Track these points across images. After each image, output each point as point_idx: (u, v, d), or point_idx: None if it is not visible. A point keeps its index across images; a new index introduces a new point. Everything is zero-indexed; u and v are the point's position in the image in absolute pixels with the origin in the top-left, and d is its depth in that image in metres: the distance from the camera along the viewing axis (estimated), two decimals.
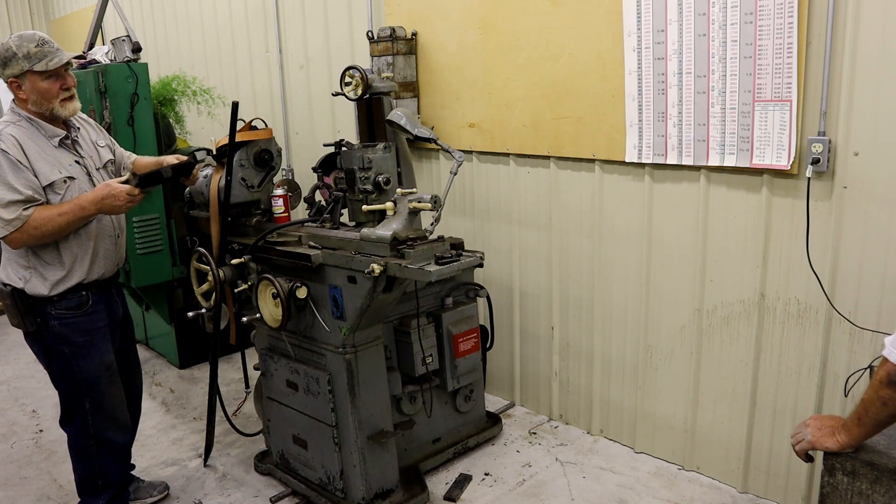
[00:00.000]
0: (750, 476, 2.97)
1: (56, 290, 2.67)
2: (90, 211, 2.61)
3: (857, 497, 1.77)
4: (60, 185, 2.62)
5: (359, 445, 2.81)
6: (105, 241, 2.78)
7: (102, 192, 2.61)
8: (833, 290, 2.58)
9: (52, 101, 2.61)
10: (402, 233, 2.57)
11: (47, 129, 2.66)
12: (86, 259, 2.71)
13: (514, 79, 3.41)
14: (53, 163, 2.62)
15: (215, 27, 5.37)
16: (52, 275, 2.66)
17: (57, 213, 2.56)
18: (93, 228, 2.72)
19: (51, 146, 2.65)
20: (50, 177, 2.60)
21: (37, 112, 2.62)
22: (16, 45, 2.55)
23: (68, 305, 2.70)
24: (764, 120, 2.61)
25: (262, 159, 3.12)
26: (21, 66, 2.54)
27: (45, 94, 2.59)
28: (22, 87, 2.58)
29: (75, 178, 2.68)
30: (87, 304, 2.74)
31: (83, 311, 2.73)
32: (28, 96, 2.59)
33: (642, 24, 2.88)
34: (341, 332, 2.73)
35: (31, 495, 3.30)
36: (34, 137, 2.62)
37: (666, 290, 3.09)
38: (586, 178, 3.28)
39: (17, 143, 2.55)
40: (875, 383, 1.67)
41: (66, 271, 2.67)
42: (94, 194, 2.61)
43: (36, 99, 2.59)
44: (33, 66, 2.54)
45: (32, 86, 2.57)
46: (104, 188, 2.63)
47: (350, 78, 2.99)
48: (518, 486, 3.14)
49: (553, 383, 3.67)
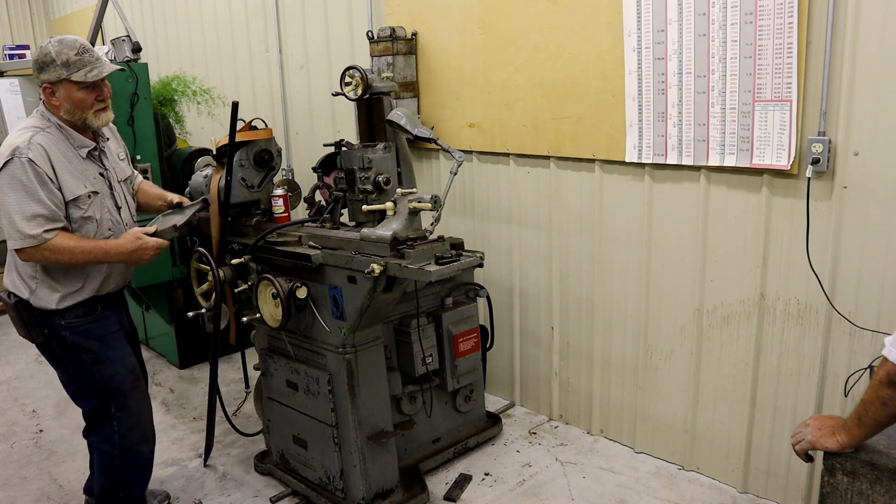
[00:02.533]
0: (750, 476, 2.97)
1: (64, 303, 2.57)
2: (113, 259, 2.56)
3: (857, 497, 1.77)
4: (85, 200, 2.53)
5: (359, 445, 2.81)
6: None
7: (132, 246, 2.55)
8: (833, 290, 2.58)
9: (86, 111, 2.51)
10: (402, 233, 2.57)
11: (76, 138, 2.55)
12: (99, 276, 2.64)
13: (514, 79, 3.41)
14: (79, 175, 2.52)
15: (215, 27, 5.37)
16: (62, 287, 2.56)
17: (80, 248, 2.47)
18: None
19: (78, 157, 2.54)
20: (75, 191, 2.50)
21: (68, 120, 2.52)
22: (55, 50, 2.44)
23: (77, 314, 2.60)
24: (764, 120, 2.61)
25: (262, 159, 3.12)
26: (58, 73, 2.44)
27: (80, 104, 2.49)
28: (56, 94, 2.48)
29: (99, 192, 2.59)
30: (97, 311, 2.65)
31: (94, 318, 2.64)
32: (61, 104, 2.49)
33: (642, 24, 2.88)
34: (341, 332, 2.73)
35: (31, 495, 3.29)
36: (62, 147, 2.50)
37: (666, 290, 3.09)
38: (586, 178, 3.28)
39: (45, 154, 2.44)
40: (875, 383, 1.67)
41: (78, 286, 2.59)
42: (123, 247, 2.55)
43: (69, 108, 2.49)
44: (71, 75, 2.44)
45: (67, 94, 2.47)
46: (134, 241, 2.56)
47: (350, 78, 2.99)
48: (518, 486, 3.14)
49: (553, 383, 3.67)
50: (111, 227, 2.64)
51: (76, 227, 2.52)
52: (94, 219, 2.55)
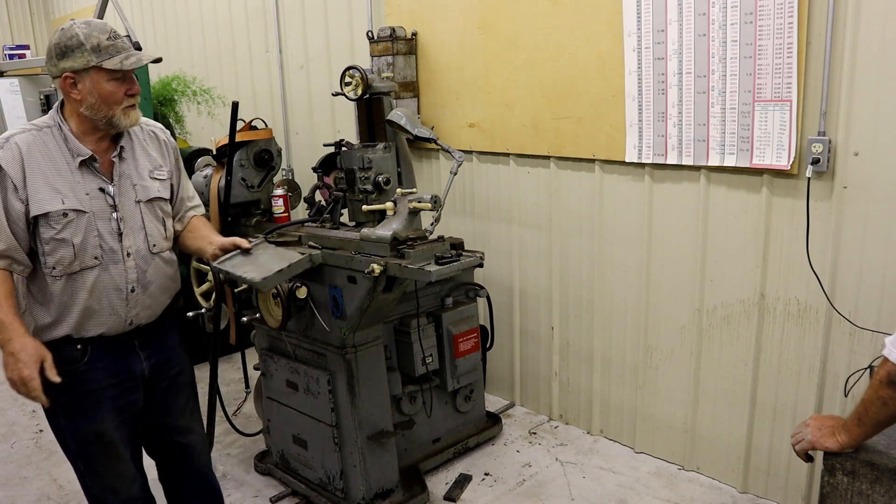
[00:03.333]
0: (750, 476, 2.97)
1: (40, 337, 2.12)
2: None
3: (857, 497, 1.77)
4: (57, 218, 2.05)
5: (359, 445, 2.81)
6: (108, 297, 2.15)
7: (14, 348, 1.99)
8: (833, 290, 2.58)
9: (115, 107, 2.08)
10: (402, 233, 2.57)
11: (72, 143, 2.10)
12: (73, 312, 2.12)
13: (514, 79, 3.41)
14: (62, 188, 2.07)
15: (215, 27, 5.37)
16: (39, 316, 2.14)
17: None
18: (87, 279, 2.11)
19: (72, 165, 2.09)
20: (45, 206, 2.04)
21: (89, 118, 2.08)
22: (83, 33, 2.02)
23: (60, 358, 2.09)
24: (764, 120, 2.61)
25: (262, 159, 3.12)
26: (86, 59, 2.01)
27: (108, 98, 2.06)
28: (78, 85, 2.04)
29: (88, 211, 2.09)
30: (81, 361, 2.16)
31: (74, 368, 2.15)
32: (84, 97, 2.05)
33: (642, 24, 2.88)
34: (341, 332, 2.73)
35: (30, 495, 3.29)
36: (53, 152, 2.08)
37: (666, 289, 3.09)
38: (586, 178, 3.28)
39: (20, 156, 2.04)
40: (875, 383, 1.67)
41: (51, 318, 2.12)
42: (12, 343, 2.00)
43: (94, 102, 2.06)
44: (102, 62, 2.02)
45: (94, 86, 2.04)
46: (26, 349, 2.00)
47: (350, 78, 2.99)
48: (518, 486, 3.14)
49: (553, 383, 3.67)
50: (99, 255, 2.11)
51: (48, 250, 2.07)
52: (70, 242, 2.06)
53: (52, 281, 2.08)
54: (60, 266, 2.08)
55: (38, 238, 2.06)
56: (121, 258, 2.15)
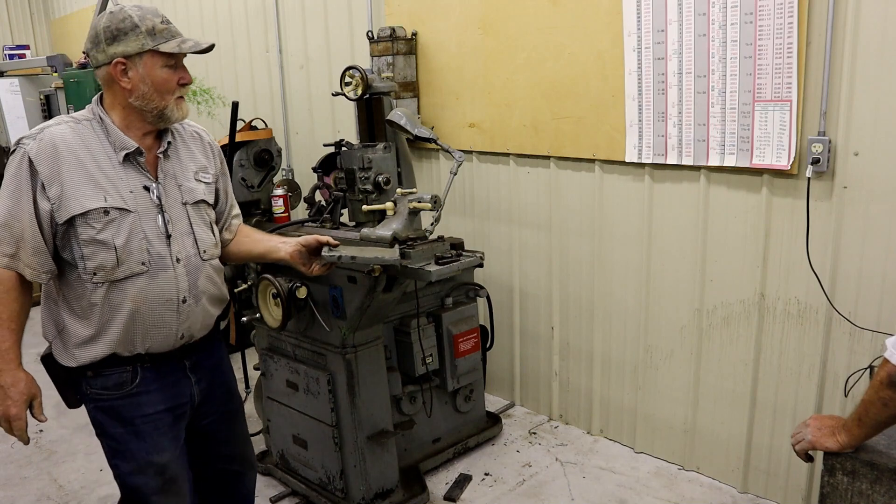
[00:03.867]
0: (750, 476, 2.97)
1: (80, 356, 1.92)
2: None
3: (857, 497, 1.77)
4: (98, 216, 1.85)
5: (359, 445, 2.81)
6: (156, 307, 1.94)
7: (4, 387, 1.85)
8: (833, 290, 2.58)
9: (168, 97, 1.92)
10: (402, 233, 2.57)
11: (115, 136, 1.91)
12: (117, 323, 1.91)
13: (514, 79, 3.41)
14: (104, 184, 1.88)
15: (215, 27, 5.36)
16: (77, 330, 1.92)
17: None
18: (133, 287, 1.91)
19: (114, 161, 1.91)
20: (86, 203, 1.84)
21: (138, 109, 1.91)
22: (137, 15, 1.87)
23: (105, 384, 1.95)
24: (764, 120, 2.61)
25: (262, 159, 3.13)
26: (141, 42, 1.85)
27: (162, 85, 1.90)
28: (129, 73, 1.87)
29: (133, 210, 1.89)
30: (132, 384, 1.97)
31: (125, 392, 1.96)
32: (136, 86, 1.88)
33: (642, 24, 2.88)
34: (341, 332, 2.73)
35: (31, 495, 3.29)
36: (93, 146, 1.89)
37: (666, 289, 3.09)
38: (586, 178, 3.28)
39: (55, 150, 1.84)
40: (875, 384, 1.67)
41: (92, 331, 1.91)
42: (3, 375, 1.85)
43: (146, 91, 1.89)
44: (158, 45, 1.87)
45: (148, 72, 1.88)
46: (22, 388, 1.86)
47: (350, 78, 2.99)
48: (518, 486, 3.14)
49: (553, 383, 3.67)
50: (146, 261, 1.91)
51: (87, 254, 1.86)
52: (112, 245, 1.86)
53: (94, 289, 1.88)
54: (102, 272, 1.87)
55: (75, 240, 1.86)
56: (170, 264, 1.95)
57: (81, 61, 5.39)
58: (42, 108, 6.05)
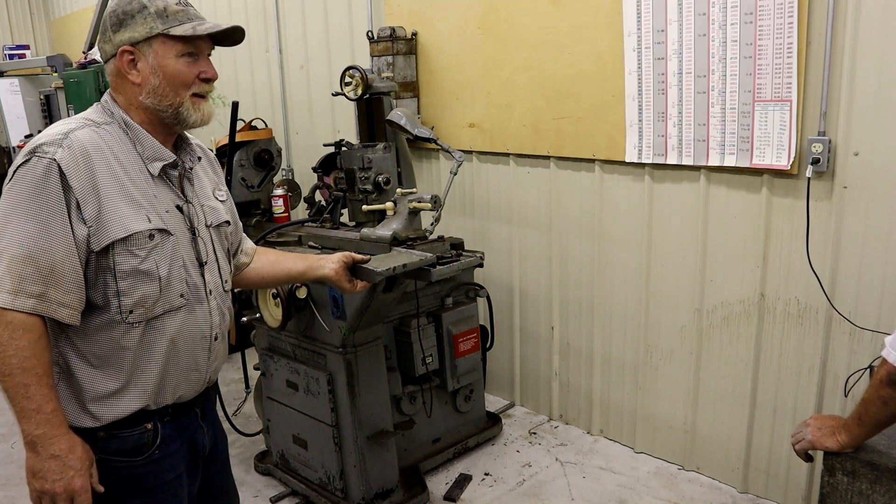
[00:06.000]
0: (750, 476, 2.97)
1: (102, 414, 1.56)
2: (25, 426, 1.59)
3: (857, 497, 1.77)
4: (143, 241, 1.53)
5: (359, 445, 2.81)
6: (193, 348, 1.66)
7: (61, 457, 1.54)
8: (833, 290, 2.58)
9: (183, 93, 1.58)
10: (402, 233, 2.57)
11: (149, 144, 1.59)
12: (152, 372, 1.59)
13: (514, 79, 3.41)
14: (142, 202, 1.55)
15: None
16: (95, 384, 1.56)
17: (21, 360, 1.45)
18: (172, 325, 1.60)
19: (146, 174, 1.58)
20: (130, 225, 1.51)
21: (152, 108, 1.58)
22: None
23: (121, 448, 1.59)
24: (764, 120, 2.61)
25: (262, 159, 3.13)
26: (149, 26, 1.54)
27: (176, 78, 1.57)
28: (137, 64, 1.56)
29: (173, 233, 1.59)
30: (154, 445, 1.63)
31: (146, 458, 1.62)
32: (146, 79, 1.56)
33: (642, 24, 2.88)
34: (341, 332, 2.73)
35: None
36: (123, 154, 1.55)
37: (666, 290, 3.09)
38: (586, 179, 3.28)
39: (87, 158, 1.49)
40: (875, 383, 1.67)
41: (119, 384, 1.56)
42: (58, 442, 1.54)
43: (158, 85, 1.56)
44: (169, 29, 1.55)
45: (159, 62, 1.55)
46: (81, 454, 1.53)
47: (350, 78, 2.99)
48: (518, 486, 3.14)
49: (553, 383, 3.67)
50: (185, 293, 1.62)
51: (125, 288, 1.53)
52: (157, 275, 1.55)
53: (126, 330, 1.54)
54: (142, 308, 1.55)
55: (110, 272, 1.52)
56: (204, 296, 1.67)
57: (81, 61, 5.39)
58: (42, 109, 6.05)
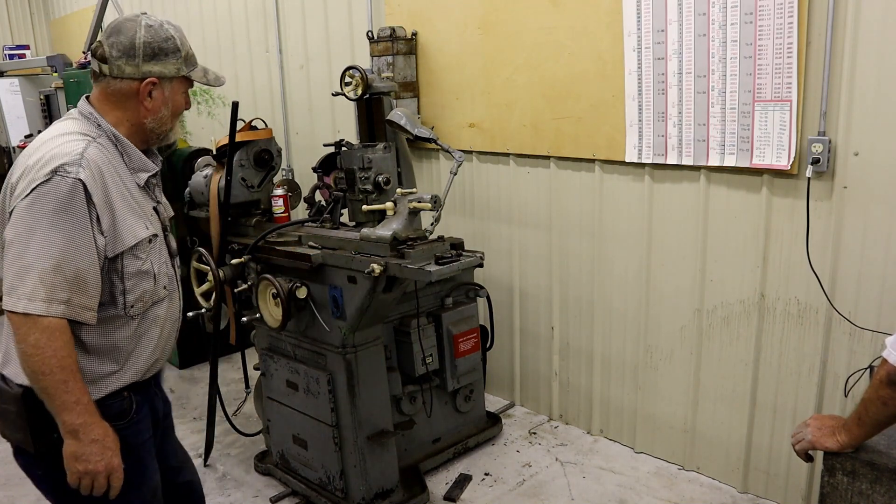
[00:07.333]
0: (750, 476, 2.97)
1: (96, 391, 1.76)
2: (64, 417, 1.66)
3: (857, 497, 1.77)
4: (145, 246, 1.78)
5: (359, 445, 2.81)
6: (172, 330, 1.96)
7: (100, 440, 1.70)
8: (833, 290, 2.58)
9: (175, 119, 1.90)
10: (402, 233, 2.57)
11: (136, 158, 1.81)
12: (145, 353, 1.85)
13: (514, 79, 3.41)
14: (139, 210, 1.80)
15: (215, 27, 5.37)
16: (95, 367, 1.77)
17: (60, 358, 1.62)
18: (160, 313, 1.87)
19: (135, 185, 1.82)
20: (138, 233, 1.76)
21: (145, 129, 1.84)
22: (178, 36, 1.83)
23: (108, 414, 1.77)
24: (764, 120, 2.61)
25: (262, 159, 3.12)
26: (178, 66, 1.82)
27: (178, 109, 1.89)
28: (153, 94, 1.80)
29: (158, 234, 1.86)
30: (132, 410, 1.85)
31: (128, 421, 1.84)
32: (157, 108, 1.82)
33: (642, 24, 2.88)
34: (341, 332, 2.73)
35: (31, 495, 3.29)
36: (119, 169, 1.77)
37: (666, 290, 3.09)
38: (586, 178, 3.28)
39: (101, 177, 1.69)
40: (875, 383, 1.67)
41: (118, 366, 1.80)
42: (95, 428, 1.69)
43: (164, 115, 1.84)
44: (191, 73, 1.87)
45: (171, 97, 1.84)
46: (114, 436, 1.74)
47: (350, 78, 2.99)
48: (518, 486, 3.14)
49: (553, 383, 3.67)
50: (167, 284, 1.89)
51: (130, 287, 1.76)
52: (152, 273, 1.80)
53: (127, 322, 1.79)
54: (141, 302, 1.80)
55: (116, 274, 1.74)
56: (177, 284, 1.96)
57: (81, 61, 5.39)
58: (42, 109, 6.04)
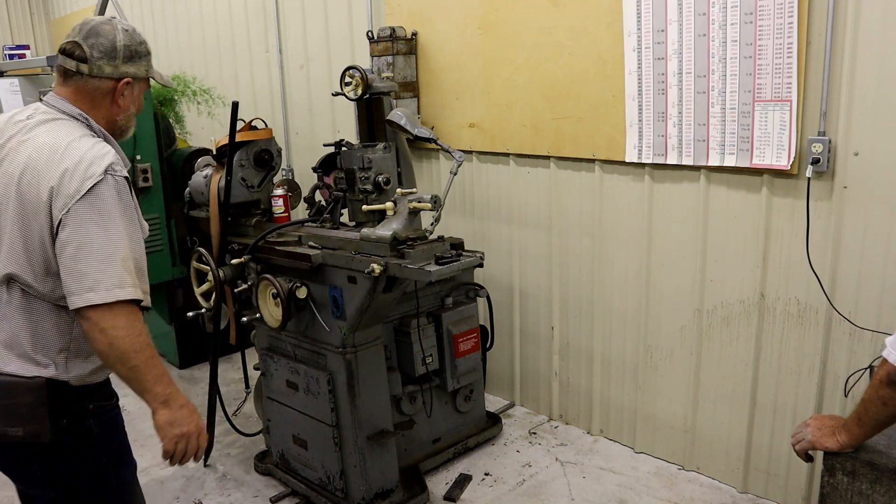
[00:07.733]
0: (750, 476, 2.97)
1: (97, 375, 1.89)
2: (160, 390, 1.81)
3: (857, 497, 1.77)
4: None
5: (359, 445, 2.81)
6: None
7: (186, 405, 1.86)
8: (833, 290, 2.58)
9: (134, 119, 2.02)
10: (402, 233, 2.57)
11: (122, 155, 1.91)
12: None
13: (514, 79, 3.41)
14: None
15: (215, 27, 5.37)
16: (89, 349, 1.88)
17: (144, 342, 1.81)
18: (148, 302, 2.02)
19: None
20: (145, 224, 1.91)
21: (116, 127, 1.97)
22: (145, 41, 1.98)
23: (103, 395, 1.93)
24: (764, 120, 2.61)
25: (262, 159, 3.12)
26: (145, 67, 1.95)
27: (139, 107, 2.01)
28: (125, 93, 1.92)
29: None
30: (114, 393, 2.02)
31: (115, 402, 1.99)
32: (127, 106, 1.94)
33: (642, 24, 2.88)
34: (341, 332, 2.73)
35: None
36: None
37: (666, 290, 3.09)
38: (586, 178, 3.28)
39: None
40: (875, 383, 1.67)
41: None
42: (180, 396, 1.85)
43: (132, 113, 1.98)
44: (151, 73, 1.99)
45: (137, 96, 1.97)
46: (195, 416, 1.87)
47: (350, 78, 2.99)
48: (518, 486, 3.14)
49: (553, 383, 3.67)
50: None
51: None
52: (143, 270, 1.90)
53: None
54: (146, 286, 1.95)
55: None
56: None
57: None
58: None
